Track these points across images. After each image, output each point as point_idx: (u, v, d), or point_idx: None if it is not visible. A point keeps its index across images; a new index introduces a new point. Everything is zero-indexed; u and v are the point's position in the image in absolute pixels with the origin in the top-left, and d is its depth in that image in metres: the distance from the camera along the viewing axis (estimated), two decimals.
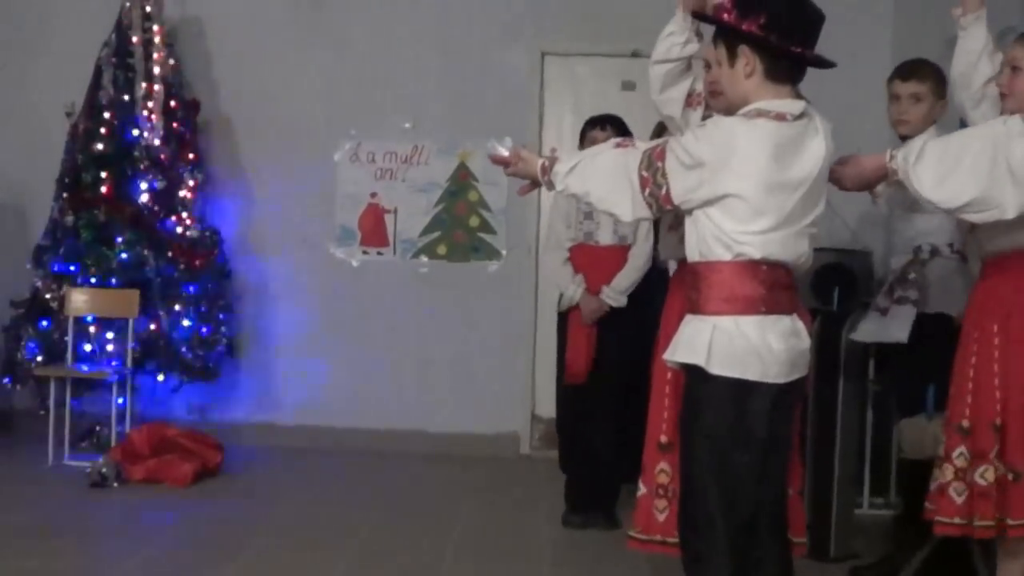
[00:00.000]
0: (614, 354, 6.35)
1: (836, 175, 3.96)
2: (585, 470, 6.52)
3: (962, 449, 4.16)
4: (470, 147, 8.64)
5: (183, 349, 7.91)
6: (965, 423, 4.16)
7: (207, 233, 8.23)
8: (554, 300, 6.78)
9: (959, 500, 4.14)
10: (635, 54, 8.00)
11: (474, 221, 8.65)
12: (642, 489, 4.46)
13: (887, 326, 5.38)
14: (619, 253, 6.36)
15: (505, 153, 4.01)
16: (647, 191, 3.60)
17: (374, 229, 8.72)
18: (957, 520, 4.15)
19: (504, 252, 8.65)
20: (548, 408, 8.05)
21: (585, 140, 6.40)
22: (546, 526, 6.55)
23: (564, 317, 6.53)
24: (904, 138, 4.85)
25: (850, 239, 7.13)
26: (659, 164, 3.57)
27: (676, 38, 4.38)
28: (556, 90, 8.70)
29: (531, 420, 8.63)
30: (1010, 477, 4.09)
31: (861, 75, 7.50)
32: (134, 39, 8.08)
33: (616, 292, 6.34)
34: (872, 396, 6.34)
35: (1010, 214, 3.82)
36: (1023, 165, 3.75)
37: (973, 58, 4.24)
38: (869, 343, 5.68)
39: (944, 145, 3.91)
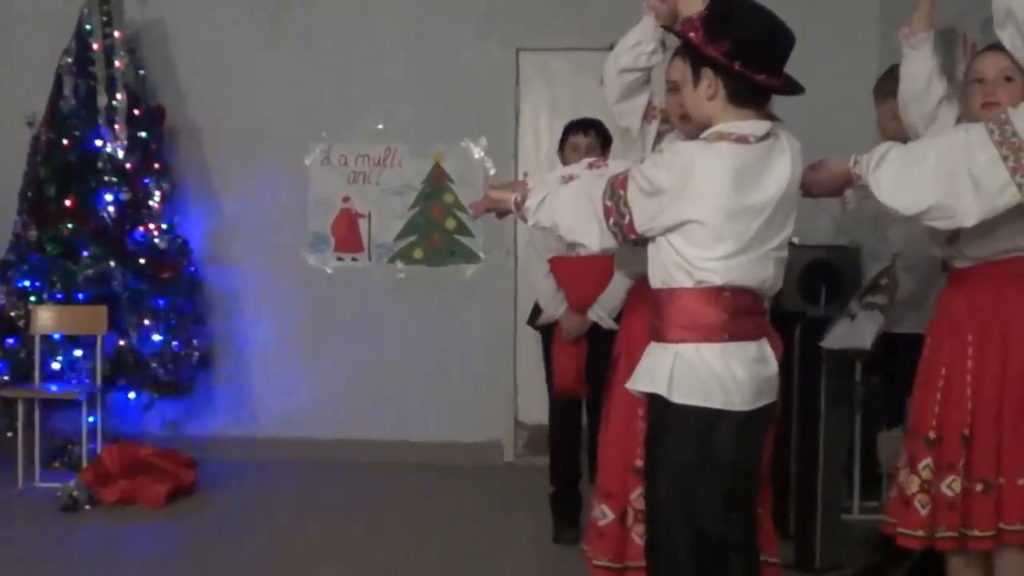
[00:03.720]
0: (604, 370, 6.33)
1: (804, 181, 4.05)
2: (574, 488, 6.62)
3: (928, 460, 4.21)
4: (444, 148, 8.69)
5: (154, 364, 7.95)
6: (932, 434, 4.22)
7: (176, 244, 8.25)
8: (531, 305, 6.82)
9: (923, 512, 4.21)
10: (612, 48, 8.02)
11: (450, 224, 8.71)
12: (608, 516, 4.44)
13: (853, 333, 5.47)
14: (601, 264, 6.20)
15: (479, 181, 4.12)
16: (611, 220, 3.68)
17: (348, 234, 8.78)
18: (920, 532, 4.22)
19: (482, 255, 8.71)
20: (532, 415, 8.13)
21: (567, 145, 6.42)
22: (532, 536, 6.64)
23: (548, 329, 6.57)
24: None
25: (837, 234, 7.17)
26: (621, 193, 3.65)
27: (644, 47, 4.35)
28: (531, 86, 8.75)
29: (514, 427, 8.69)
30: (978, 488, 4.15)
31: (847, 72, 7.62)
32: (94, 46, 8.09)
33: (604, 310, 6.31)
34: (860, 398, 6.39)
35: (970, 222, 3.89)
36: (985, 173, 3.82)
37: (924, 79, 4.27)
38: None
39: (905, 151, 3.99)
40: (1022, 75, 4.16)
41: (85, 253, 7.86)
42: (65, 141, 8.04)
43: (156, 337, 7.97)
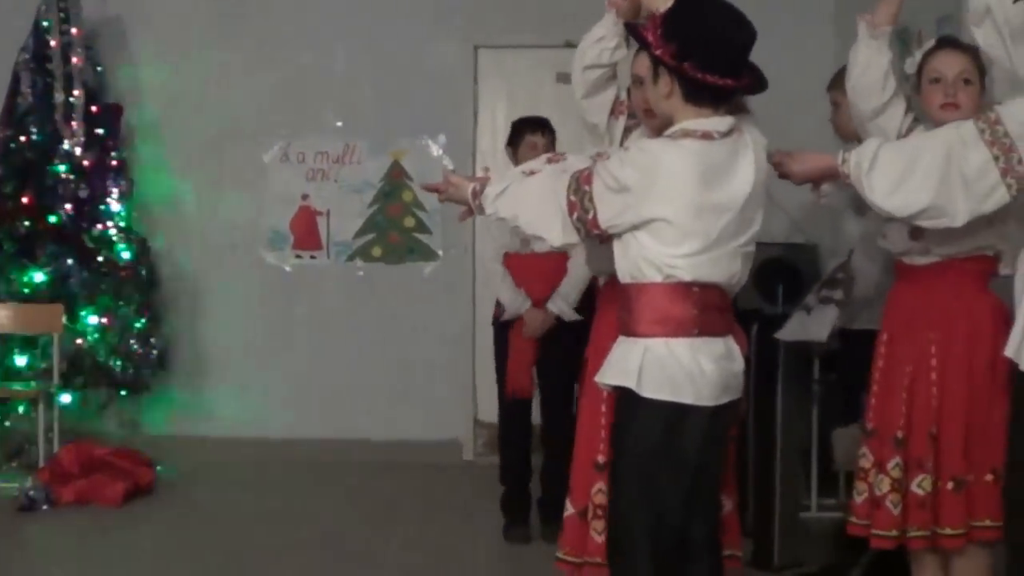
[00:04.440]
0: (558, 369, 6.37)
1: (783, 169, 4.10)
2: (523, 487, 6.67)
3: (898, 460, 4.24)
4: (403, 145, 8.71)
5: (111, 363, 7.94)
6: (900, 434, 4.25)
7: (133, 242, 8.21)
8: (492, 303, 6.84)
9: (896, 512, 4.23)
10: (569, 45, 7.89)
11: (409, 222, 8.73)
12: (570, 509, 4.46)
13: (809, 325, 5.52)
14: (557, 261, 6.34)
15: (439, 179, 4.15)
16: (575, 215, 3.71)
17: (307, 232, 8.78)
18: (894, 532, 4.25)
19: (440, 253, 8.73)
20: (491, 413, 8.11)
21: (522, 144, 6.43)
22: (490, 535, 6.65)
23: (503, 328, 6.58)
24: None
25: (793, 232, 7.22)
26: (586, 188, 3.68)
27: (607, 43, 4.35)
28: (490, 84, 8.77)
29: (474, 426, 8.72)
30: (949, 486, 4.20)
31: (802, 69, 7.66)
32: (52, 42, 8.07)
33: (565, 301, 6.36)
34: (817, 396, 6.45)
35: (959, 222, 3.92)
36: (976, 173, 3.84)
37: (882, 71, 4.27)
38: (800, 342, 5.79)
39: (897, 152, 4.01)
40: (980, 77, 4.21)
41: (41, 251, 7.83)
42: (22, 138, 8.02)
43: (113, 336, 7.96)
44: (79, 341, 7.88)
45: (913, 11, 6.24)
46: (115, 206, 8.19)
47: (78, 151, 8.05)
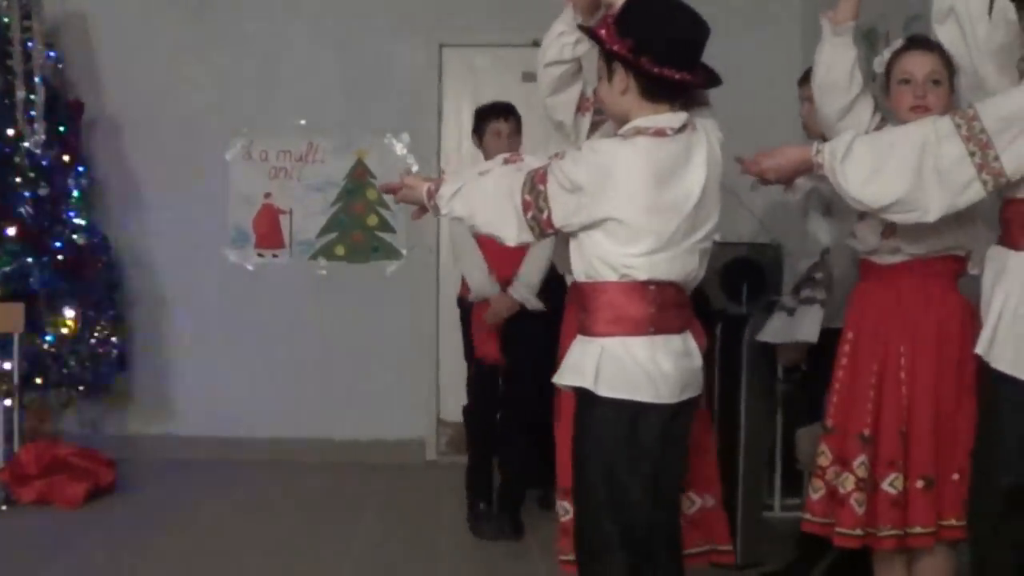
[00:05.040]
0: (524, 348, 6.41)
1: (759, 168, 4.12)
2: (488, 461, 6.72)
3: (863, 458, 4.25)
4: (367, 144, 8.72)
5: (73, 362, 7.91)
6: (867, 432, 4.26)
7: (95, 240, 8.16)
8: (455, 302, 6.86)
9: (860, 511, 4.25)
10: (536, 44, 7.85)
11: (372, 220, 8.74)
12: (570, 512, 4.34)
13: (795, 326, 5.53)
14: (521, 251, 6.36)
15: (395, 180, 4.17)
16: (529, 215, 3.72)
17: (269, 230, 8.78)
18: (858, 531, 4.26)
19: (404, 251, 8.74)
20: (454, 412, 8.16)
21: (487, 131, 6.45)
22: (453, 534, 6.69)
23: (469, 308, 6.63)
24: None
25: (758, 232, 7.26)
26: (541, 188, 3.69)
27: (567, 38, 4.32)
28: (455, 83, 8.79)
29: (437, 425, 8.74)
30: (919, 485, 4.22)
31: (769, 64, 7.71)
32: (12, 39, 8.01)
33: (527, 288, 6.41)
34: (781, 395, 6.48)
35: (932, 217, 3.91)
36: (951, 167, 3.84)
37: (848, 68, 4.28)
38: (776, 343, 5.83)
39: (872, 143, 4.01)
40: (948, 77, 4.24)
41: (1, 250, 7.79)
42: None
43: (74, 335, 7.93)
44: (40, 340, 7.84)
45: (882, 11, 6.32)
46: (76, 203, 8.15)
47: (39, 149, 7.99)
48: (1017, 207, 3.94)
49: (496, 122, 6.46)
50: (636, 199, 3.60)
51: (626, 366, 3.66)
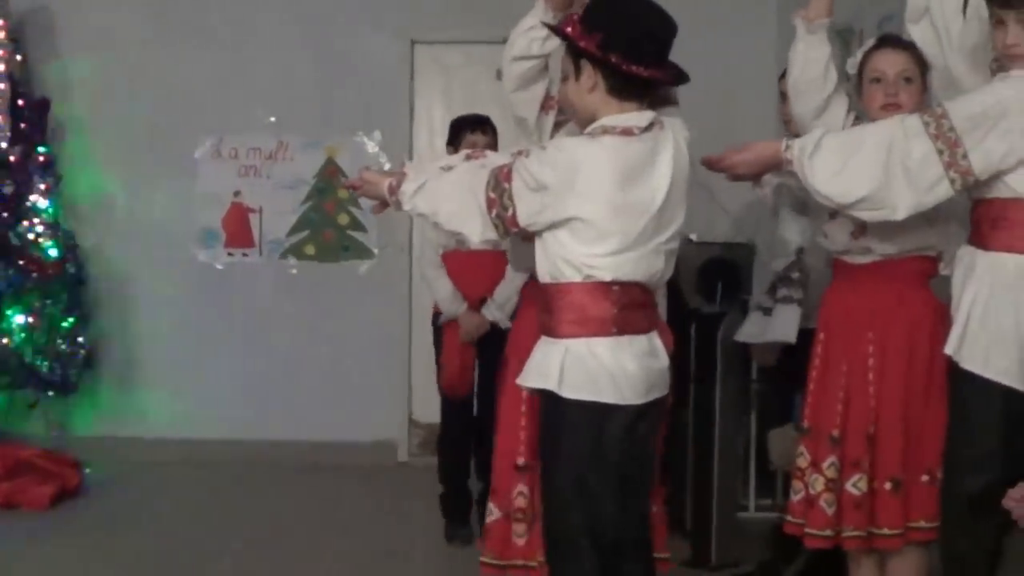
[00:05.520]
0: (496, 365, 6.37)
1: (728, 163, 4.12)
2: (463, 489, 6.68)
3: (833, 459, 4.27)
4: (337, 141, 8.70)
5: (39, 363, 7.87)
6: (835, 432, 4.28)
7: (61, 239, 8.11)
8: (428, 302, 6.85)
9: (830, 511, 4.27)
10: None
11: (343, 219, 8.71)
12: (495, 513, 4.44)
13: (773, 326, 5.54)
14: (491, 259, 6.28)
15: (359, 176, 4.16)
16: (494, 212, 3.73)
17: (239, 229, 8.75)
18: (828, 532, 4.28)
19: (376, 251, 8.72)
20: (426, 413, 8.16)
21: (463, 144, 6.40)
22: (425, 536, 6.68)
23: (440, 328, 6.58)
24: None
25: (733, 231, 7.27)
26: (506, 186, 3.70)
27: (536, 33, 4.29)
28: (426, 80, 8.78)
29: (408, 426, 8.72)
30: (887, 486, 4.24)
31: (745, 61, 7.73)
32: None
33: (501, 309, 6.36)
34: (756, 396, 6.48)
35: (900, 215, 3.93)
36: (919, 165, 3.86)
37: (822, 66, 4.30)
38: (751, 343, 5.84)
39: (841, 140, 4.04)
40: (921, 75, 4.26)
41: None
42: None
43: (40, 335, 7.89)
44: (4, 341, 7.79)
45: (856, 10, 6.34)
46: (41, 203, 8.06)
47: (3, 146, 7.94)
48: (986, 207, 3.97)
49: (473, 134, 6.39)
50: (602, 199, 3.61)
51: (590, 368, 3.67)
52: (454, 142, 6.47)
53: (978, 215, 4.01)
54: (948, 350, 3.96)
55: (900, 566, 4.36)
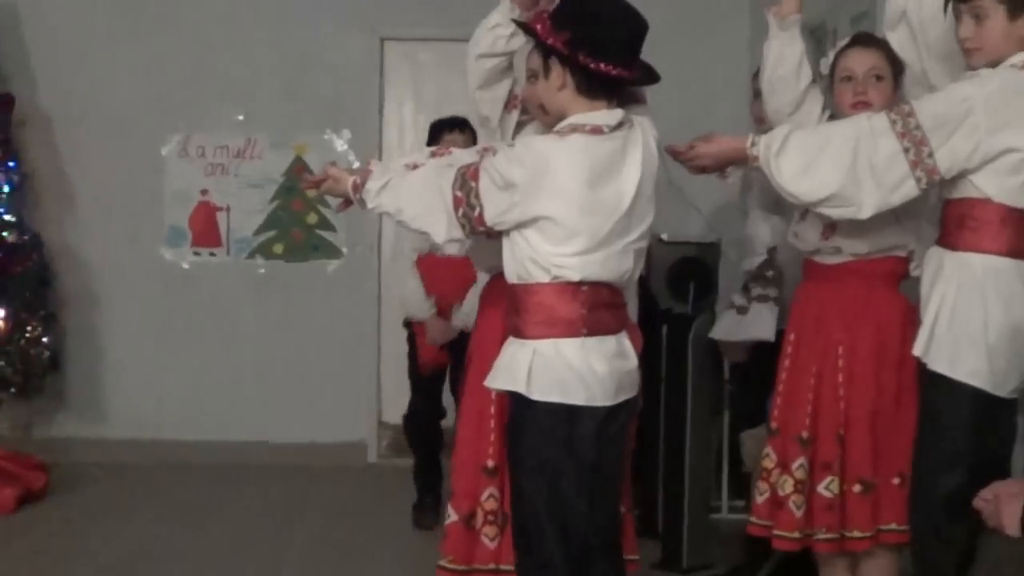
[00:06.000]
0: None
1: (693, 153, 4.14)
2: (435, 459, 6.78)
3: (802, 460, 4.30)
4: (306, 140, 8.68)
5: (2, 363, 7.83)
6: (805, 434, 4.31)
7: (25, 237, 8.05)
8: (397, 302, 6.85)
9: (799, 513, 4.29)
10: None
11: (312, 218, 8.70)
12: (453, 516, 4.41)
13: (749, 324, 5.55)
14: (464, 264, 6.02)
15: (321, 173, 4.16)
16: (460, 211, 3.74)
17: (206, 228, 8.72)
18: (796, 534, 4.31)
19: (344, 250, 8.71)
20: (395, 414, 8.13)
21: (442, 143, 6.37)
22: (395, 538, 6.69)
23: (412, 326, 6.64)
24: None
25: (705, 230, 7.28)
26: (473, 184, 3.71)
27: (502, 31, 4.29)
28: (397, 78, 8.77)
29: (378, 427, 8.71)
30: (857, 488, 4.27)
31: (718, 60, 7.74)
32: None
33: (468, 314, 6.27)
34: (729, 397, 6.50)
35: (865, 214, 3.96)
36: (884, 163, 3.88)
37: (795, 62, 4.33)
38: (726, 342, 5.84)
39: (807, 137, 4.06)
40: (891, 73, 4.28)
41: None
42: None
43: (4, 335, 7.85)
44: None
45: (828, 8, 6.37)
46: (6, 199, 8.05)
47: None
48: (953, 207, 3.99)
49: (451, 134, 6.37)
50: (570, 197, 3.62)
51: (558, 369, 3.68)
52: (432, 143, 6.42)
53: (946, 215, 4.03)
54: (916, 351, 3.99)
55: (871, 569, 4.40)
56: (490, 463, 4.30)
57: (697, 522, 6.04)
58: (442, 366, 6.64)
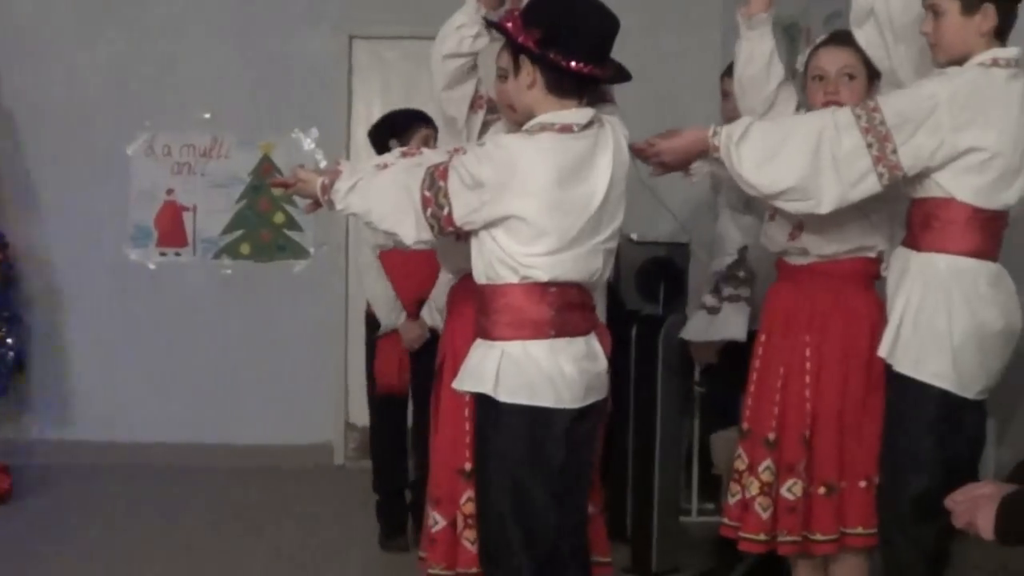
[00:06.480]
0: (431, 371, 6.31)
1: (655, 149, 4.13)
2: (400, 496, 6.65)
3: (768, 462, 4.31)
4: (274, 138, 8.66)
5: None
6: (771, 435, 4.32)
7: None
8: (364, 303, 6.79)
9: (764, 515, 4.30)
10: None
11: (279, 218, 8.68)
12: (440, 522, 4.43)
13: (723, 324, 5.55)
14: (429, 258, 6.16)
15: (291, 175, 4.14)
16: (429, 212, 3.72)
17: (172, 228, 8.69)
18: (762, 536, 4.32)
19: (312, 250, 8.70)
20: (363, 416, 8.08)
21: (415, 137, 6.31)
22: (361, 541, 6.66)
23: (375, 334, 6.53)
24: None
25: (676, 231, 7.27)
26: (441, 184, 3.69)
27: (467, 31, 4.32)
28: (365, 76, 8.76)
29: (345, 429, 8.70)
30: (821, 491, 4.28)
31: (690, 59, 7.74)
32: None
33: (439, 311, 6.15)
34: (699, 398, 6.48)
35: (824, 208, 3.97)
36: (847, 159, 3.89)
37: (765, 60, 4.35)
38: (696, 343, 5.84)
39: (770, 128, 4.07)
40: (865, 72, 4.29)
41: None
42: None
43: None
44: None
45: (803, 7, 6.38)
46: None
47: None
48: (919, 207, 4.01)
49: (427, 128, 6.25)
50: (539, 196, 3.61)
51: (526, 370, 3.67)
52: (404, 138, 6.32)
53: (911, 215, 4.05)
54: (881, 353, 4.00)
55: (840, 571, 4.39)
56: (467, 466, 4.29)
57: (667, 525, 6.03)
58: (400, 394, 6.54)
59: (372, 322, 6.60)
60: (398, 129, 6.41)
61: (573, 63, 3.64)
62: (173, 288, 8.69)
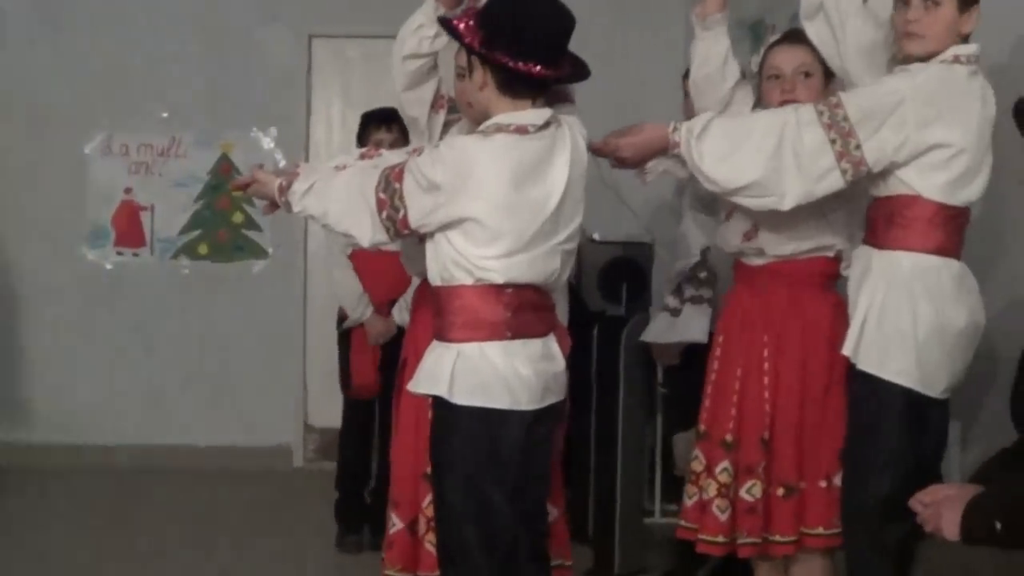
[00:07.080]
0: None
1: (614, 146, 4.12)
2: (360, 496, 6.63)
3: (726, 464, 4.30)
4: (232, 138, 8.63)
5: None
6: (729, 437, 4.31)
7: None
8: (324, 303, 6.78)
9: (723, 517, 4.29)
10: None
11: (238, 217, 8.65)
12: (398, 524, 4.42)
13: (683, 326, 5.55)
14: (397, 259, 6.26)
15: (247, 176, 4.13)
16: (384, 214, 3.71)
17: (129, 228, 8.65)
18: (721, 538, 4.31)
19: (270, 250, 8.68)
20: (322, 418, 8.13)
21: (369, 141, 6.28)
22: (319, 544, 6.63)
23: (346, 332, 6.52)
24: None
25: (639, 231, 7.27)
26: (397, 186, 3.68)
27: (426, 31, 4.27)
28: (325, 75, 8.74)
29: (304, 431, 8.68)
30: (780, 493, 4.27)
31: (653, 57, 7.74)
32: None
33: (408, 310, 6.29)
34: (661, 399, 6.47)
35: (787, 204, 3.96)
36: (810, 155, 3.89)
37: (720, 60, 4.36)
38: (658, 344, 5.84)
39: (730, 124, 4.08)
40: (821, 70, 4.29)
41: None
42: None
43: None
44: None
45: (767, 5, 6.38)
46: None
47: None
48: (882, 205, 4.01)
49: (378, 132, 6.24)
50: (494, 198, 3.60)
51: (482, 372, 3.66)
52: (362, 141, 6.33)
53: (873, 213, 4.05)
54: (845, 351, 4.00)
55: (803, 572, 4.39)
56: (429, 469, 4.26)
57: (629, 527, 6.03)
58: (374, 393, 6.51)
59: (342, 322, 6.60)
60: (358, 133, 6.44)
61: (521, 63, 3.62)
62: (130, 288, 8.65)
